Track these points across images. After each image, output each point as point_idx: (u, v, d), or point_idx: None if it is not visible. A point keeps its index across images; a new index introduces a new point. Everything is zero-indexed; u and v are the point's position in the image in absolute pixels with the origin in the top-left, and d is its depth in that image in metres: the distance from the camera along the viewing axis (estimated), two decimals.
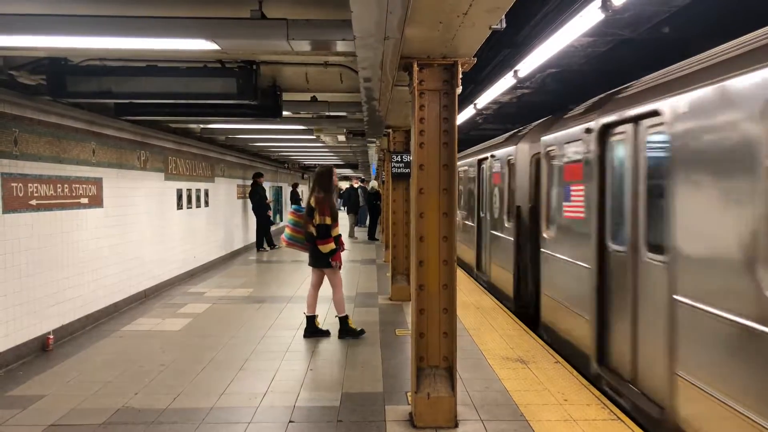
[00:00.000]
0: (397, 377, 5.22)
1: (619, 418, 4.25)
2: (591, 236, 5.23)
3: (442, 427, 4.09)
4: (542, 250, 6.73)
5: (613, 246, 4.99)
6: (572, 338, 5.82)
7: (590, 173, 5.31)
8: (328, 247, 6.46)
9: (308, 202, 6.59)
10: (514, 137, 8.76)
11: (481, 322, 7.23)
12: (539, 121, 8.27)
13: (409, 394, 4.61)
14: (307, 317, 6.70)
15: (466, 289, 9.51)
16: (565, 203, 6.04)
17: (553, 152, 6.44)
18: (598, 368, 5.12)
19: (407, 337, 6.32)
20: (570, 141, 5.90)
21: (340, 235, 6.65)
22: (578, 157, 5.67)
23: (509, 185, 8.55)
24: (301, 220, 6.67)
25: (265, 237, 15.58)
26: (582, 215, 5.51)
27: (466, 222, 12.08)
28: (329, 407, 4.53)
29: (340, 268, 6.72)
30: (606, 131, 5.09)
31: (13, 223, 5.66)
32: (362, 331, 6.66)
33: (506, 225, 8.55)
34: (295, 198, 22.45)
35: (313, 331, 6.64)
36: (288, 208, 22.89)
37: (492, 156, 9.63)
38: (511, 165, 8.56)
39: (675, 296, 3.80)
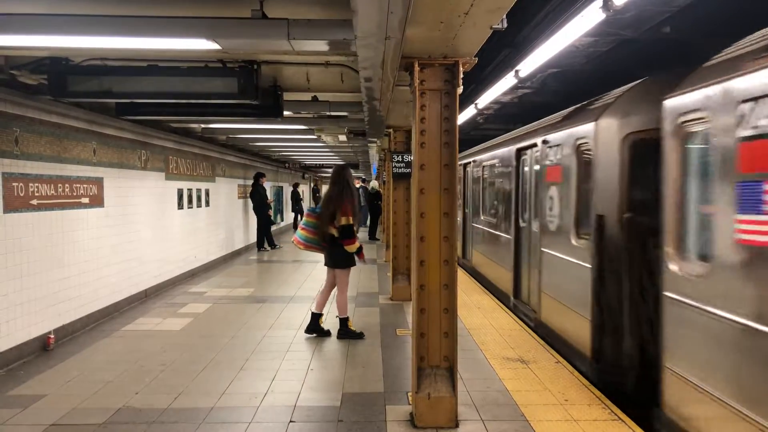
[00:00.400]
0: (398, 377, 5.21)
1: (620, 419, 4.25)
2: None
3: (443, 427, 4.09)
4: (669, 295, 4.01)
5: None
6: None
7: None
8: (354, 247, 6.50)
9: (325, 203, 6.55)
10: (588, 111, 5.85)
11: (482, 322, 7.22)
12: (635, 83, 5.46)
13: (409, 394, 4.61)
14: (313, 314, 6.70)
15: (467, 289, 9.50)
16: (744, 215, 3.20)
17: (700, 122, 3.75)
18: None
19: (408, 336, 6.32)
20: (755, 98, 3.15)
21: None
22: None
23: (579, 183, 5.76)
24: (317, 221, 6.62)
25: (266, 237, 15.52)
26: None
27: (496, 231, 9.43)
28: (330, 407, 4.53)
29: (364, 262, 7.16)
30: None
31: (14, 223, 5.67)
32: (361, 334, 6.64)
33: (574, 243, 5.73)
34: (296, 198, 22.56)
35: (315, 328, 6.64)
36: (289, 208, 23.00)
37: (544, 142, 6.79)
38: (582, 152, 5.73)
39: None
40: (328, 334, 6.67)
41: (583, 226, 5.69)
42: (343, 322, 6.65)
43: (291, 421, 4.26)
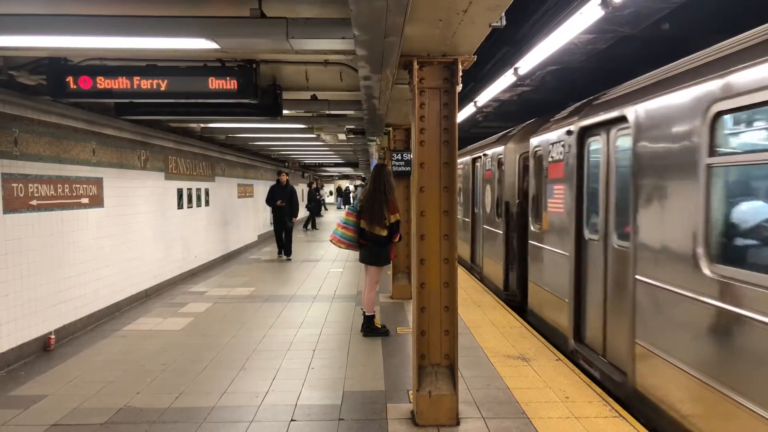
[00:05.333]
0: (399, 375, 5.22)
1: (620, 415, 4.26)
2: None
3: (444, 425, 4.09)
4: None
5: None
6: None
7: None
8: (398, 239, 6.84)
9: (368, 202, 6.56)
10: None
11: (482, 320, 7.23)
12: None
13: (410, 392, 4.61)
14: (366, 316, 6.71)
15: (468, 287, 9.51)
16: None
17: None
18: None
19: (408, 335, 6.32)
20: None
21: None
22: None
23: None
24: (356, 220, 6.65)
25: (287, 242, 13.93)
26: None
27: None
28: (331, 405, 4.53)
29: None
30: None
31: (14, 224, 5.67)
32: (387, 331, 6.64)
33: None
34: (312, 196, 22.96)
35: (372, 329, 6.65)
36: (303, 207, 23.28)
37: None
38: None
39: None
40: (386, 333, 6.65)
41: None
42: (370, 319, 6.66)
43: (292, 420, 4.26)
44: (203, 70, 5.19)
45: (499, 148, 9.13)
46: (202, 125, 10.30)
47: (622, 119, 4.74)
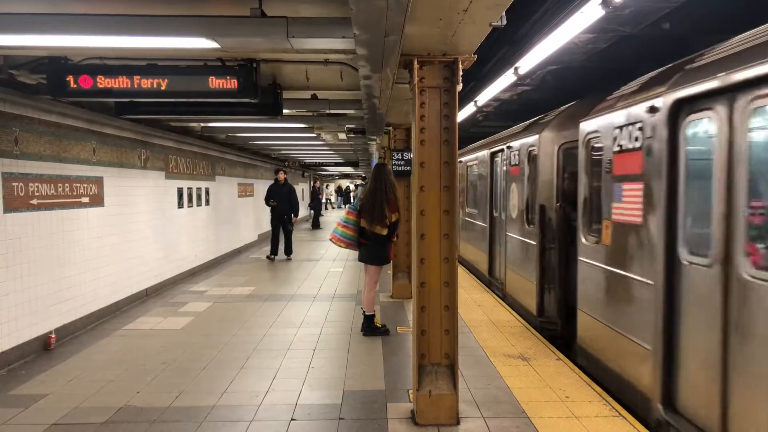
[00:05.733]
0: (399, 375, 5.22)
1: (621, 415, 4.26)
2: None
3: (444, 424, 4.09)
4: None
5: None
6: None
7: None
8: (396, 238, 6.83)
9: (368, 202, 6.55)
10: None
11: (483, 319, 7.23)
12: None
13: (410, 391, 4.61)
14: (366, 316, 6.71)
15: (468, 286, 9.50)
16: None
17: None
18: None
19: (408, 334, 6.32)
20: None
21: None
22: None
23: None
24: (356, 219, 6.66)
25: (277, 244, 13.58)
26: None
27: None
28: (331, 405, 4.54)
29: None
30: None
31: (15, 223, 5.67)
32: (387, 331, 6.65)
33: None
34: (314, 195, 23.14)
35: (372, 328, 6.65)
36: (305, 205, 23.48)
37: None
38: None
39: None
40: (387, 332, 6.64)
41: None
42: (370, 318, 6.67)
43: (292, 419, 4.26)
44: (203, 69, 5.19)
45: (531, 139, 7.39)
46: (202, 124, 10.30)
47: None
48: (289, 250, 13.59)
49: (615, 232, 4.87)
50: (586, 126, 5.63)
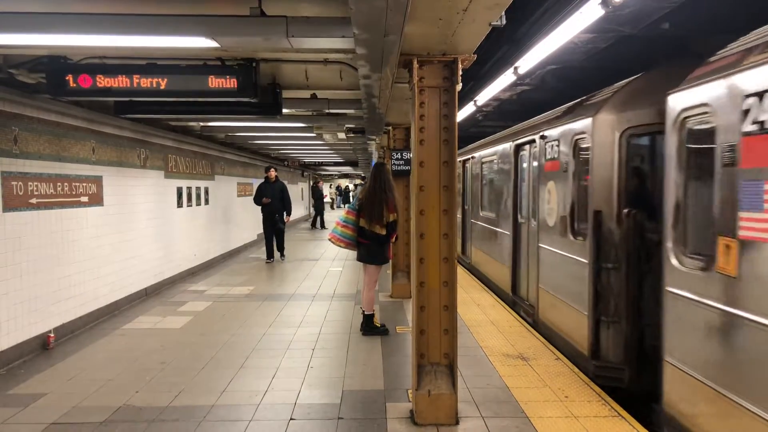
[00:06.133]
0: (398, 374, 5.22)
1: (620, 415, 4.26)
2: None
3: (443, 424, 4.09)
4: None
5: None
6: None
7: None
8: (394, 239, 6.79)
9: (367, 201, 6.55)
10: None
11: (482, 319, 7.23)
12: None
13: (410, 391, 4.62)
14: (365, 315, 6.71)
15: (466, 286, 9.51)
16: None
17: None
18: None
19: (408, 334, 6.32)
20: None
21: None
22: None
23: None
24: (356, 219, 6.65)
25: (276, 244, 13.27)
26: None
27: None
28: (330, 404, 4.54)
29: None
30: None
31: (14, 222, 5.66)
32: (386, 330, 6.65)
33: None
34: (318, 195, 23.19)
35: (371, 328, 6.65)
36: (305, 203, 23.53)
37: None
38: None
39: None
40: (386, 332, 6.64)
41: None
42: (369, 318, 6.67)
43: (291, 419, 4.26)
44: (203, 68, 5.19)
45: (578, 124, 5.70)
46: (201, 124, 10.29)
47: None
48: (281, 250, 13.13)
49: (747, 257, 3.26)
50: (682, 99, 4.05)
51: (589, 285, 5.27)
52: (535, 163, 7.16)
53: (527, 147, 7.66)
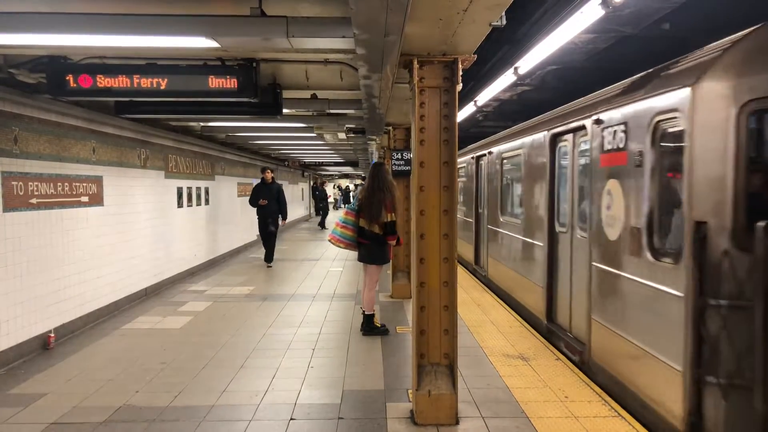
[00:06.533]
0: (398, 374, 5.22)
1: (620, 415, 4.26)
2: None
3: (443, 424, 4.09)
4: None
5: None
6: None
7: None
8: (394, 242, 6.69)
9: (365, 201, 6.55)
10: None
11: (482, 319, 7.23)
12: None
13: (410, 391, 4.61)
14: (366, 315, 6.71)
15: (466, 286, 9.51)
16: None
17: None
18: None
19: (408, 334, 6.32)
20: None
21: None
22: None
23: None
24: (355, 219, 6.65)
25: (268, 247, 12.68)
26: None
27: None
28: (330, 404, 4.53)
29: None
30: None
31: (14, 222, 5.66)
32: (386, 330, 6.65)
33: None
34: (321, 196, 23.30)
35: (371, 328, 6.65)
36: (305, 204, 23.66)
37: None
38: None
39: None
40: (386, 332, 6.64)
41: None
42: (369, 318, 6.66)
43: (291, 419, 4.26)
44: (203, 68, 5.19)
45: (665, 99, 4.01)
46: (202, 124, 10.30)
47: None
48: (270, 257, 12.26)
49: None
50: None
51: (685, 328, 3.65)
52: (585, 158, 5.54)
53: (569, 136, 6.02)
